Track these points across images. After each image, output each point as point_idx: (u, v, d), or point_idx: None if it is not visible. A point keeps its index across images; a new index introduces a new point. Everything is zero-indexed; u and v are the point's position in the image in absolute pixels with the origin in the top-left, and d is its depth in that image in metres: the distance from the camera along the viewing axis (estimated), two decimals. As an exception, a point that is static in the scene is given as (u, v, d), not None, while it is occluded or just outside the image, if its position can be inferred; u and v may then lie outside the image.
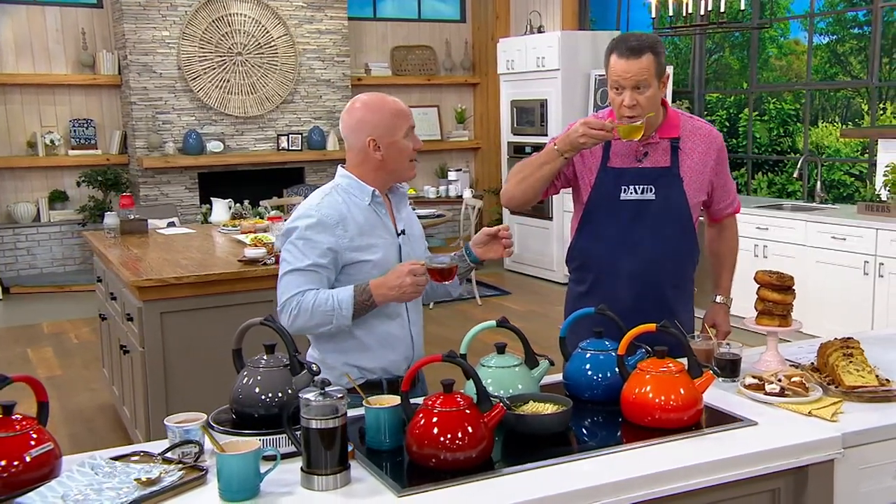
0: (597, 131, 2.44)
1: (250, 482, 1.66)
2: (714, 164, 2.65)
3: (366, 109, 2.35)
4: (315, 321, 2.27)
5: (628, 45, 2.47)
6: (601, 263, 2.66)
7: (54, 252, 8.63)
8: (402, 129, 2.36)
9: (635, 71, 2.45)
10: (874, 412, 2.11)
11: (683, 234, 2.62)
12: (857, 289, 5.42)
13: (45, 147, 8.44)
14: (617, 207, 2.59)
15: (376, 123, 2.34)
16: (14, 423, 1.70)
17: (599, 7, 9.30)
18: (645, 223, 2.59)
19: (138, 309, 3.60)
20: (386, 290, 2.26)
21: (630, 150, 2.61)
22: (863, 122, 7.16)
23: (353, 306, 2.26)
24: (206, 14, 8.58)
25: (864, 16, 7.15)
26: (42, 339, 6.67)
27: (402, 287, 2.24)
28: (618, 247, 2.61)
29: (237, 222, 5.03)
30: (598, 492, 1.75)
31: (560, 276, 8.25)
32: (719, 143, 2.67)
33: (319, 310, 2.25)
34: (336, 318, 2.26)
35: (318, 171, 9.30)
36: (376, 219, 2.38)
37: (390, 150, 2.36)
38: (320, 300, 2.26)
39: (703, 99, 8.21)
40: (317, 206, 2.34)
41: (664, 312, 2.46)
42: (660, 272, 2.62)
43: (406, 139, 2.37)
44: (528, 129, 8.54)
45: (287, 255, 2.33)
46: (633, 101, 2.48)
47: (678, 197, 2.59)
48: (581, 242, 2.72)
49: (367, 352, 2.38)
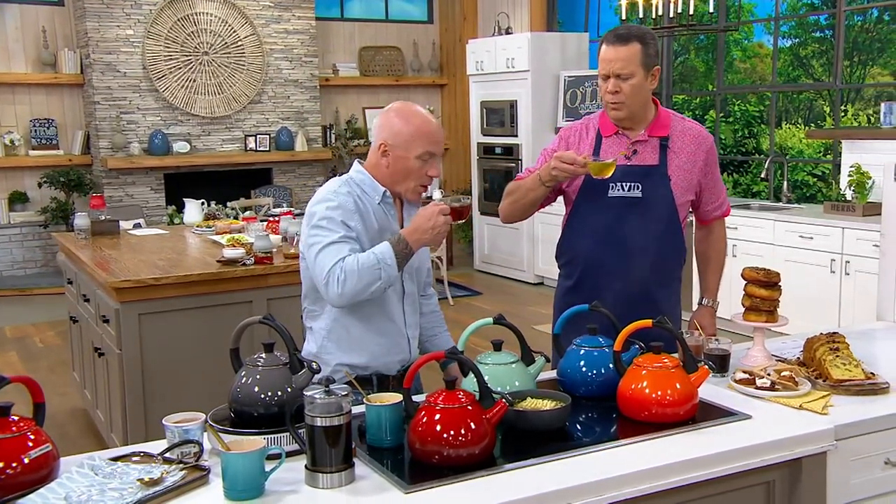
0: (568, 165, 2.47)
1: (256, 481, 1.65)
2: (703, 165, 2.68)
3: (394, 114, 2.35)
4: (364, 280, 2.22)
5: (617, 33, 2.53)
6: (588, 259, 2.68)
7: (14, 255, 8.45)
8: (417, 149, 2.32)
9: (621, 57, 2.50)
10: (862, 405, 2.15)
11: (670, 231, 2.65)
12: (824, 286, 5.54)
13: (4, 147, 8.27)
14: (604, 204, 2.61)
15: (396, 132, 2.33)
16: (11, 424, 1.66)
17: (567, 9, 9.37)
18: (632, 220, 2.62)
19: (115, 310, 3.54)
20: (420, 234, 2.27)
21: (620, 148, 2.63)
22: (825, 123, 7.32)
23: (395, 255, 2.24)
24: (171, 13, 8.47)
25: (825, 20, 7.31)
26: (5, 343, 6.53)
27: (435, 227, 2.25)
28: (605, 242, 2.64)
29: (211, 223, 4.97)
30: (600, 486, 1.77)
31: (531, 276, 8.29)
32: (709, 144, 2.71)
33: (365, 268, 2.21)
34: (384, 271, 2.23)
35: (287, 171, 9.23)
36: (384, 219, 2.38)
37: (397, 164, 2.35)
38: (362, 260, 2.23)
39: (671, 100, 8.32)
40: (335, 192, 2.34)
41: (650, 308, 2.49)
42: (646, 268, 2.64)
43: (418, 160, 2.34)
44: (497, 130, 8.57)
45: (314, 237, 2.29)
46: (615, 88, 2.53)
47: (665, 195, 2.62)
48: (569, 238, 2.74)
49: (362, 350, 2.37)
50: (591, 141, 2.68)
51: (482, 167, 8.85)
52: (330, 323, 2.38)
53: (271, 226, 4.61)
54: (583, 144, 2.69)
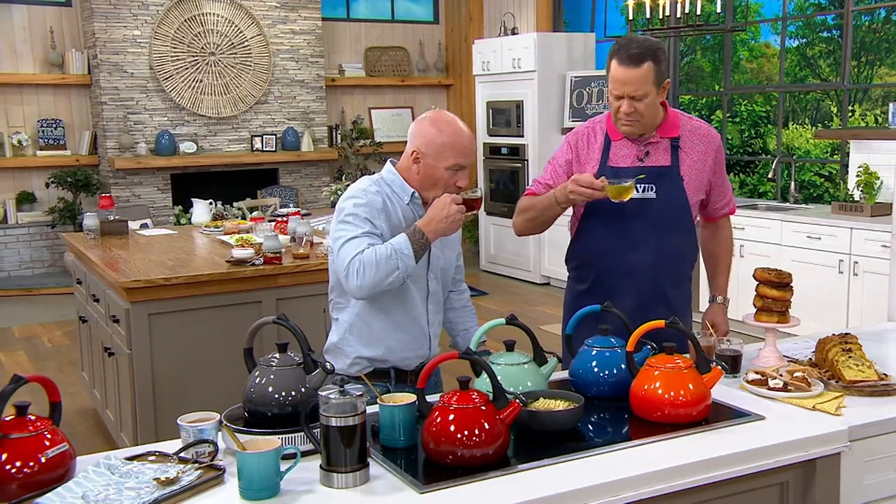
0: (585, 189, 2.47)
1: (271, 480, 1.65)
2: (712, 164, 2.68)
3: (429, 123, 2.38)
4: (382, 271, 2.26)
5: (629, 52, 2.47)
6: (603, 262, 2.67)
7: (22, 255, 8.47)
8: (448, 160, 2.35)
9: (635, 80, 2.47)
10: (875, 406, 2.15)
11: (684, 232, 2.65)
12: (832, 287, 5.52)
13: (12, 148, 8.29)
14: (619, 207, 2.59)
15: (429, 141, 2.36)
16: (28, 423, 1.67)
17: (573, 9, 9.37)
18: (646, 222, 2.61)
19: (126, 310, 3.55)
20: (435, 224, 2.30)
21: (631, 151, 2.62)
22: (832, 123, 7.31)
23: (411, 245, 2.28)
24: (178, 13, 8.49)
25: (832, 20, 7.29)
26: (13, 343, 6.54)
27: (450, 216, 2.29)
28: (620, 246, 2.63)
29: (219, 223, 4.97)
30: (615, 487, 1.77)
31: (537, 276, 8.29)
32: (717, 142, 2.70)
33: (382, 259, 2.26)
34: (401, 261, 2.27)
35: (293, 171, 9.24)
36: (412, 219, 2.41)
37: (427, 171, 2.38)
38: (380, 251, 2.27)
39: (677, 100, 8.31)
40: (364, 191, 2.39)
41: (665, 309, 2.49)
42: (660, 270, 2.64)
43: (448, 171, 2.36)
44: (503, 131, 8.57)
45: (340, 231, 2.35)
46: (630, 109, 2.51)
47: (679, 196, 2.61)
48: (583, 241, 2.73)
49: (381, 345, 2.42)
50: (599, 145, 2.66)
51: (488, 167, 8.85)
52: (353, 316, 2.44)
53: (279, 226, 4.61)
54: (592, 149, 2.67)
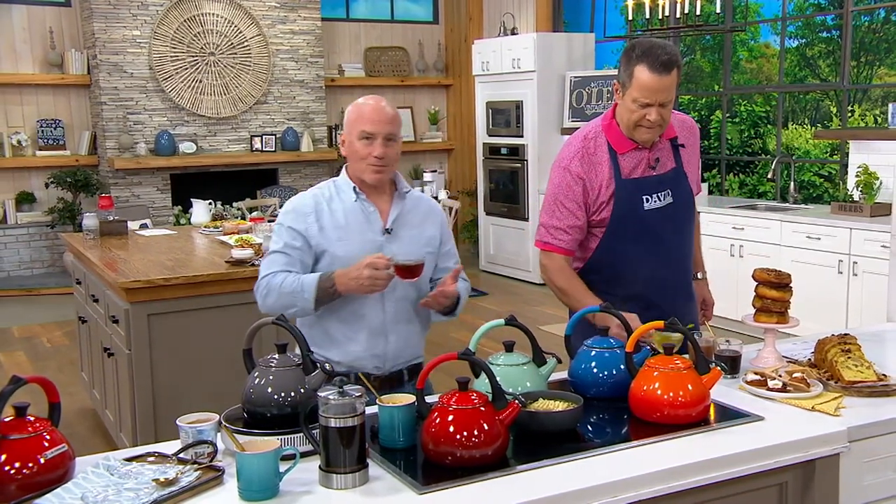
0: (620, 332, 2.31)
1: (270, 481, 1.65)
2: (696, 151, 2.73)
3: (349, 107, 2.45)
4: (282, 302, 2.33)
5: (660, 59, 2.38)
6: (633, 274, 2.59)
7: (21, 255, 8.46)
8: (356, 130, 2.39)
9: (667, 88, 2.41)
10: (874, 407, 2.15)
11: (692, 226, 2.71)
12: (831, 287, 5.53)
13: (11, 148, 8.28)
14: (641, 218, 2.54)
15: (345, 122, 2.45)
16: (27, 424, 1.67)
17: (573, 9, 9.36)
18: (669, 227, 2.60)
19: (125, 311, 3.55)
20: (347, 279, 2.31)
21: (640, 160, 2.58)
22: (831, 124, 7.30)
23: (315, 290, 2.31)
24: (177, 14, 8.48)
25: (832, 20, 7.30)
26: (13, 343, 6.54)
27: (359, 279, 2.28)
28: (649, 257, 2.58)
29: (218, 223, 4.97)
30: (615, 487, 1.77)
31: (536, 276, 8.29)
32: (696, 129, 2.75)
33: (285, 291, 2.32)
34: (299, 301, 2.33)
35: (292, 171, 9.24)
36: (360, 216, 2.43)
37: (349, 150, 2.43)
38: (287, 282, 2.33)
39: (677, 100, 8.30)
40: (299, 196, 2.48)
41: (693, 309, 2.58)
42: (684, 269, 2.69)
43: (361, 143, 2.38)
44: (503, 131, 8.56)
45: (270, 240, 2.46)
46: (658, 117, 2.45)
47: (688, 193, 2.65)
48: (607, 257, 2.61)
49: (336, 348, 2.43)
50: (606, 162, 2.55)
51: (487, 167, 8.85)
52: (312, 319, 2.45)
53: (279, 226, 4.60)
54: (598, 170, 2.55)
